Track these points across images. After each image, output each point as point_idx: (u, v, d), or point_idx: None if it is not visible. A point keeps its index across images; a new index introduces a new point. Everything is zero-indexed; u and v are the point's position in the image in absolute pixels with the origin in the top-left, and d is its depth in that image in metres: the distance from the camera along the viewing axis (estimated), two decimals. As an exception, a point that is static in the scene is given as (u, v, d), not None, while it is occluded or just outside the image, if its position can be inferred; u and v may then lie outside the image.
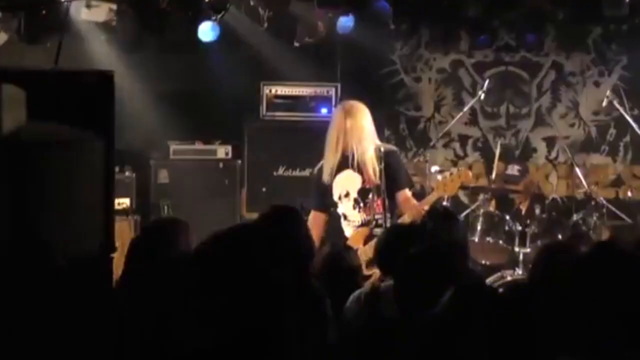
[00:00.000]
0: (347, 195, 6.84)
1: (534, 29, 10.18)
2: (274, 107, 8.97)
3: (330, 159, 6.85)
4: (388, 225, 6.54)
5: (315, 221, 6.89)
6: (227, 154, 8.72)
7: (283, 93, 9.01)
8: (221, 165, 8.68)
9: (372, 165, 6.74)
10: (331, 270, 5.10)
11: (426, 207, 6.45)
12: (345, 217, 6.90)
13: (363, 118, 6.84)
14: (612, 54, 10.31)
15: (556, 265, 4.00)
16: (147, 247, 4.42)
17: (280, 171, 8.83)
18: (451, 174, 6.93)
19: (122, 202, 8.18)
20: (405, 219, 6.55)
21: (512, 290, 4.06)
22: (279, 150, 8.89)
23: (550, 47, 10.36)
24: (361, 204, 6.81)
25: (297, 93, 9.02)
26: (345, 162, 6.79)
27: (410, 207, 6.72)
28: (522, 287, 4.17)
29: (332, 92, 9.03)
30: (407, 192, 6.87)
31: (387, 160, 6.79)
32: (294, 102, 8.98)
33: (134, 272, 4.26)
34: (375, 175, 6.73)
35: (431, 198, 6.80)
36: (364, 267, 6.35)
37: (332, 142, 6.84)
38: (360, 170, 6.79)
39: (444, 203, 8.26)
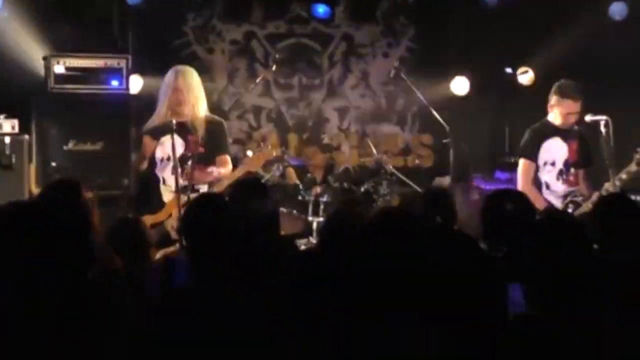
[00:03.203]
0: (168, 159, 6.84)
1: (324, 1, 10.33)
2: (62, 79, 8.70)
3: (156, 121, 6.97)
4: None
5: None
6: (13, 128, 8.40)
7: (72, 65, 8.76)
8: (8, 140, 8.37)
9: (200, 132, 6.90)
10: (115, 242, 5.03)
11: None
12: (164, 181, 6.95)
13: (196, 84, 7.00)
14: (399, 25, 10.60)
15: (341, 232, 4.09)
16: None
17: (70, 145, 8.60)
18: (260, 151, 7.27)
19: None
20: (214, 188, 6.69)
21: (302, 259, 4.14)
22: (68, 124, 8.64)
23: (341, 19, 10.53)
24: (180, 170, 6.79)
25: (86, 65, 8.79)
26: (170, 126, 6.78)
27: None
28: (312, 254, 4.24)
29: (123, 64, 8.84)
30: (225, 158, 7.02)
31: (210, 128, 6.95)
32: (83, 75, 8.74)
33: None
34: (199, 142, 6.88)
35: (237, 172, 6.93)
36: (174, 233, 6.58)
37: (162, 104, 6.94)
38: (185, 135, 6.87)
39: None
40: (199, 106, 6.97)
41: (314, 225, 8.19)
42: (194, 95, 6.95)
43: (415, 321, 3.04)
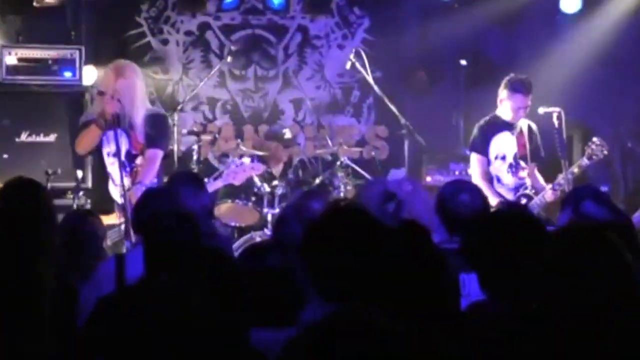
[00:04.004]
0: (114, 155, 6.71)
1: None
2: (14, 71, 8.62)
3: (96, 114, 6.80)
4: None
5: None
6: (-36, 120, 8.34)
7: (24, 56, 8.67)
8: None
9: (140, 128, 6.74)
10: (71, 235, 4.99)
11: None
12: (112, 180, 6.82)
13: (135, 82, 6.80)
14: (354, 17, 10.61)
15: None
16: None
17: (23, 137, 8.53)
18: (242, 163, 7.27)
19: None
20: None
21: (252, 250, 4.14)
22: (21, 116, 8.57)
23: (296, 10, 10.51)
24: (127, 168, 6.69)
25: (39, 56, 8.70)
26: (115, 122, 6.63)
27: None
28: (264, 247, 4.23)
29: (76, 55, 8.77)
30: (153, 152, 6.81)
31: (150, 123, 6.80)
32: (36, 66, 8.66)
33: None
34: (140, 139, 6.74)
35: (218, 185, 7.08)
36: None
37: (101, 103, 6.74)
38: (128, 132, 6.74)
39: (194, 167, 8.29)
40: (138, 104, 6.77)
41: (269, 217, 8.18)
42: (133, 94, 6.73)
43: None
